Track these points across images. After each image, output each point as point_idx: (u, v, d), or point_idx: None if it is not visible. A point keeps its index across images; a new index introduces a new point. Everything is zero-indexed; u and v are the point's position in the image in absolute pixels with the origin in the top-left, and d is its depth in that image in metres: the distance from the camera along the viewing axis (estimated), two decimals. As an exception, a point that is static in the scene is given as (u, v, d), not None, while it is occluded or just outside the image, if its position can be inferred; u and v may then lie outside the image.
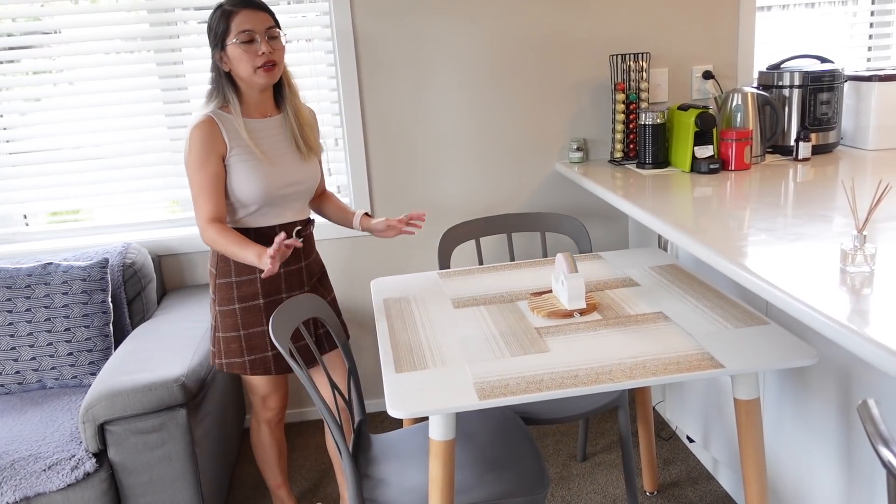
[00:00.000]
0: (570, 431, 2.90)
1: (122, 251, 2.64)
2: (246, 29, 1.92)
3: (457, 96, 2.89)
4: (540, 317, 1.86)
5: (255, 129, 2.01)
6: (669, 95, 3.00)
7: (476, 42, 2.85)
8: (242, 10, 1.93)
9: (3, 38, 2.70)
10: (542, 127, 2.97)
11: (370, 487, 1.80)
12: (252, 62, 1.93)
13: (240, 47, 1.92)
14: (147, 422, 2.06)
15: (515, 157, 2.98)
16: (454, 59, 2.85)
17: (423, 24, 2.80)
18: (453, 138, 2.93)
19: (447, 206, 2.98)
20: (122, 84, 2.77)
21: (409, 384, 1.56)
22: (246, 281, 2.06)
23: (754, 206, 2.11)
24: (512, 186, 3.01)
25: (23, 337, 2.40)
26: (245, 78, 1.97)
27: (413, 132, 2.90)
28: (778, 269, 1.58)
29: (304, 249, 2.15)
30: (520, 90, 2.92)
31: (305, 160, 2.08)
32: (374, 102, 2.84)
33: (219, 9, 1.96)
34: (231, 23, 1.92)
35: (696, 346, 1.63)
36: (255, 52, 1.93)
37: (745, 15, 2.96)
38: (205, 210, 1.95)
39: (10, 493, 2.00)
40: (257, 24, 1.94)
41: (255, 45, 1.93)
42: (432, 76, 2.86)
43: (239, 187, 1.98)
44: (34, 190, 2.82)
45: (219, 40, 1.95)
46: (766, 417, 2.08)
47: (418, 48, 2.82)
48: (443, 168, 2.95)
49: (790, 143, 2.78)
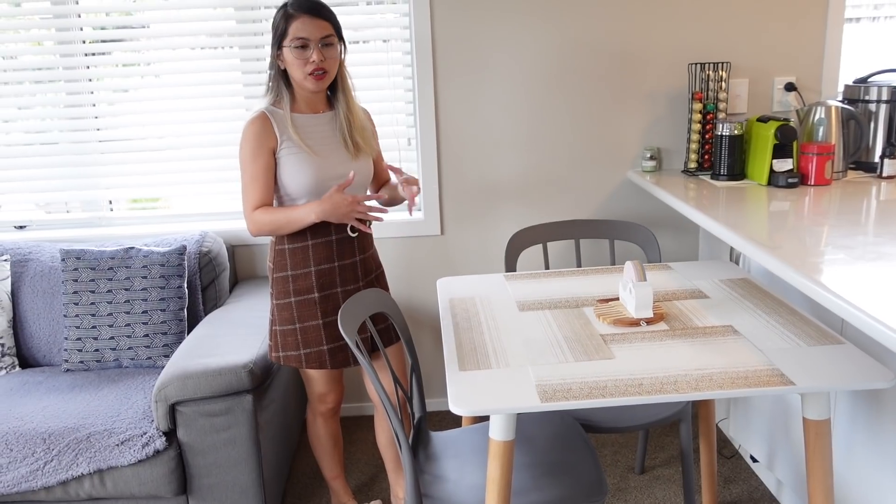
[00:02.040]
0: (629, 443, 2.86)
1: (200, 239, 2.73)
2: (301, 36, 1.97)
3: (529, 100, 2.89)
4: (606, 324, 1.85)
5: (304, 125, 2.07)
6: (749, 106, 2.93)
7: (551, 47, 2.84)
8: (302, 17, 1.98)
9: (96, 31, 2.83)
10: (616, 134, 2.94)
11: (427, 483, 1.82)
12: (303, 68, 1.99)
13: (293, 52, 1.98)
14: (215, 405, 2.13)
15: (587, 163, 2.96)
16: (529, 64, 2.86)
17: (499, 28, 2.82)
18: (524, 142, 2.93)
19: (515, 209, 2.99)
20: (205, 78, 2.87)
21: (472, 382, 1.57)
22: (301, 275, 2.10)
23: (833, 222, 2.05)
24: (582, 192, 2.99)
25: (103, 317, 2.51)
26: (296, 81, 2.05)
27: (484, 135, 2.91)
28: (856, 287, 1.53)
29: (360, 245, 2.18)
30: (594, 96, 2.90)
31: (354, 159, 2.12)
32: (446, 104, 2.87)
33: (282, 9, 2.02)
34: (289, 26, 1.98)
35: (765, 361, 1.59)
36: (307, 59, 1.99)
37: (832, 26, 2.87)
38: (252, 199, 2.04)
39: (86, 465, 2.09)
40: (314, 31, 1.98)
41: (307, 52, 1.98)
42: (506, 80, 2.87)
43: (289, 180, 2.05)
44: (119, 177, 2.95)
45: (277, 40, 2.02)
46: (836, 440, 2.02)
47: (494, 52, 2.84)
48: (512, 171, 2.95)
49: (874, 160, 2.69)
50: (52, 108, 2.88)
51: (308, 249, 2.10)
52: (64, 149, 2.91)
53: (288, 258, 2.10)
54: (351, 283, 2.16)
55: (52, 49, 2.83)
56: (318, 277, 2.11)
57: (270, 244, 2.16)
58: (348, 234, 2.13)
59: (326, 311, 2.13)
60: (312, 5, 2.00)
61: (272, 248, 2.15)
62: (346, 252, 2.14)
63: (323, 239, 2.10)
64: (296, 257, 2.10)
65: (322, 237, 2.09)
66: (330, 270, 2.12)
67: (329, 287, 2.13)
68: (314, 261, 2.10)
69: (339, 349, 2.15)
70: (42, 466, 2.09)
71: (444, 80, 2.85)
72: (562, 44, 2.84)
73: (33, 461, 2.09)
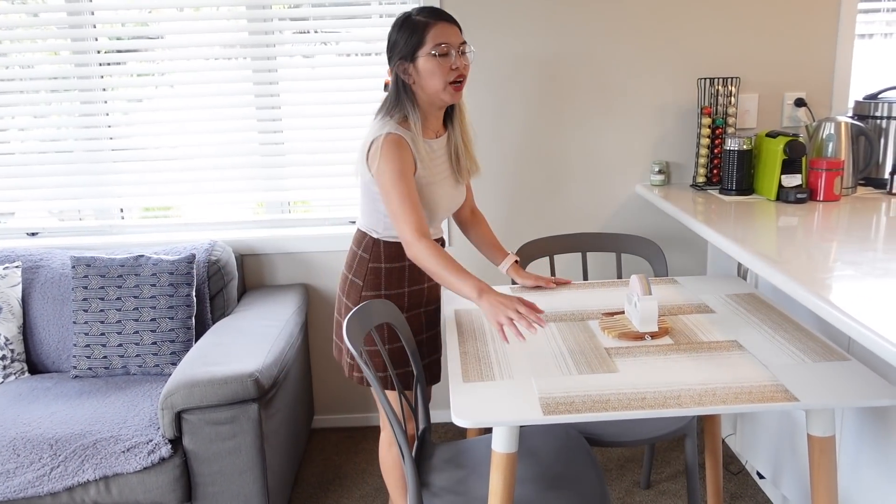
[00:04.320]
0: (635, 458, 2.85)
1: (209, 248, 2.75)
2: (443, 42, 1.89)
3: (538, 113, 2.90)
4: (610, 337, 1.85)
5: (429, 150, 1.99)
6: (758, 122, 2.93)
7: (561, 61, 2.86)
8: (440, 23, 1.90)
9: (111, 41, 2.87)
10: (625, 148, 2.95)
11: (431, 495, 1.82)
12: (445, 76, 1.90)
13: (435, 60, 1.89)
14: (221, 413, 2.14)
15: (595, 176, 2.97)
16: (539, 77, 2.87)
17: (509, 42, 2.83)
18: (533, 155, 2.94)
19: (522, 221, 2.99)
20: (218, 89, 2.90)
21: (476, 394, 1.58)
22: (395, 294, 2.05)
23: (842, 238, 2.04)
24: (590, 206, 2.99)
25: (112, 324, 2.53)
26: (432, 93, 1.93)
27: (493, 147, 2.92)
28: (863, 304, 1.52)
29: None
30: (603, 110, 2.91)
31: (459, 183, 2.10)
32: (457, 116, 2.88)
33: (408, 20, 1.92)
34: (427, 34, 1.89)
35: (770, 377, 1.59)
36: (450, 66, 1.90)
37: (843, 42, 2.87)
38: (411, 223, 1.88)
39: (91, 471, 2.11)
40: (453, 37, 1.91)
41: (450, 58, 1.90)
42: (516, 93, 2.88)
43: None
44: (131, 186, 2.97)
45: (410, 50, 1.90)
46: (841, 458, 2.00)
47: (503, 66, 2.85)
48: (521, 184, 2.96)
49: (884, 177, 2.68)
50: (67, 117, 2.91)
51: (405, 270, 2.06)
52: (78, 157, 2.94)
53: (383, 277, 2.04)
54: (433, 304, 2.16)
55: (67, 59, 2.87)
56: (409, 298, 2.08)
57: (357, 260, 2.07)
58: None
59: (413, 331, 2.10)
60: (443, 12, 1.94)
61: (363, 264, 2.05)
62: (425, 274, 2.08)
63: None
64: (391, 277, 2.04)
65: (404, 258, 2.03)
66: (419, 291, 2.10)
67: (416, 307, 2.11)
68: (409, 281, 2.07)
69: (426, 367, 2.15)
70: (49, 472, 2.10)
71: (453, 93, 2.87)
72: (571, 57, 2.86)
73: (40, 466, 2.11)
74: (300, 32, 2.88)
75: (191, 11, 2.84)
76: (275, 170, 2.97)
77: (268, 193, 3.00)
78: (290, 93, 2.91)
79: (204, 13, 2.84)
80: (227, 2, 2.81)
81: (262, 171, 2.97)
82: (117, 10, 2.83)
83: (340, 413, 3.18)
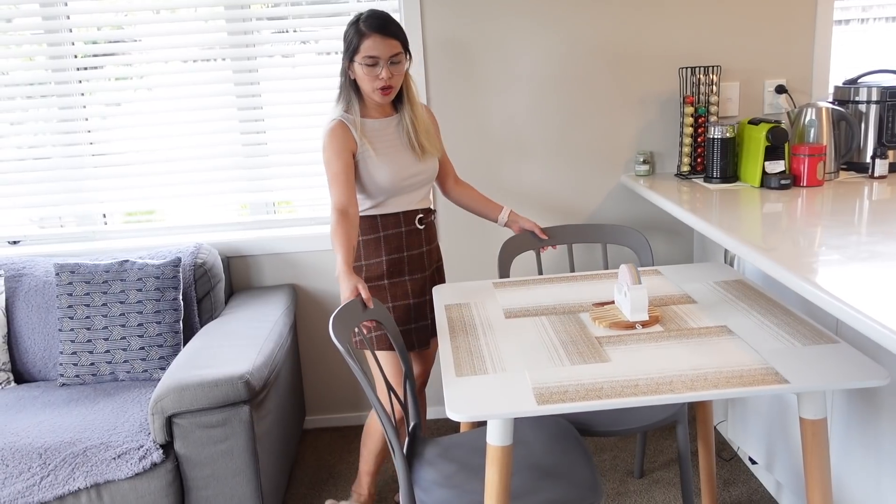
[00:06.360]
0: (627, 447, 2.86)
1: (194, 251, 2.73)
2: (372, 55, 2.08)
3: (520, 106, 2.90)
4: (601, 327, 1.85)
5: (373, 129, 2.20)
6: (740, 109, 2.94)
7: (542, 52, 2.86)
8: (373, 36, 2.07)
9: (88, 45, 2.84)
10: (609, 139, 2.95)
11: (423, 490, 1.81)
12: (372, 83, 2.11)
13: (363, 68, 2.10)
14: (212, 416, 2.13)
15: (580, 168, 2.97)
16: (519, 69, 2.87)
17: (492, 31, 2.83)
18: (516, 148, 2.94)
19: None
20: (198, 91, 2.88)
21: (469, 388, 1.57)
22: (374, 264, 2.24)
23: (826, 223, 2.06)
24: (575, 197, 3.00)
25: (98, 330, 2.51)
26: (365, 93, 2.17)
27: (476, 140, 2.92)
28: (850, 287, 1.54)
29: (427, 236, 2.31)
30: (586, 101, 2.91)
31: (421, 160, 2.23)
32: (437, 110, 2.87)
33: (356, 24, 2.11)
34: (361, 44, 2.08)
35: (760, 361, 1.60)
36: (376, 76, 2.10)
37: (821, 28, 2.89)
38: (333, 198, 2.11)
39: (82, 479, 2.08)
40: (384, 51, 2.08)
41: (377, 69, 2.09)
42: (497, 86, 2.88)
43: (367, 181, 2.17)
44: (113, 191, 2.94)
45: (349, 54, 2.12)
46: (833, 440, 2.02)
47: (485, 58, 2.85)
48: (504, 177, 2.96)
49: (866, 160, 2.70)
50: (45, 123, 2.88)
51: (380, 241, 2.23)
52: (57, 163, 2.91)
53: (361, 248, 2.24)
54: (418, 272, 2.29)
55: (43, 64, 2.84)
56: (388, 266, 2.24)
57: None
58: (416, 227, 2.27)
59: (396, 296, 2.26)
60: (383, 24, 2.09)
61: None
62: (413, 242, 2.27)
63: (393, 231, 2.23)
64: (368, 248, 2.24)
65: (393, 229, 2.23)
66: (399, 260, 2.25)
67: (398, 275, 2.26)
68: (385, 251, 2.23)
69: (406, 333, 2.28)
70: (39, 482, 2.08)
71: (435, 86, 2.86)
72: (552, 49, 2.86)
73: (29, 476, 2.08)
74: (279, 32, 2.86)
75: (167, 13, 2.81)
76: (258, 170, 2.95)
77: (252, 195, 2.98)
78: (271, 92, 2.90)
79: (181, 14, 2.81)
80: (204, 2, 2.79)
81: (245, 171, 2.95)
82: (93, 14, 2.80)
83: (332, 413, 3.17)
